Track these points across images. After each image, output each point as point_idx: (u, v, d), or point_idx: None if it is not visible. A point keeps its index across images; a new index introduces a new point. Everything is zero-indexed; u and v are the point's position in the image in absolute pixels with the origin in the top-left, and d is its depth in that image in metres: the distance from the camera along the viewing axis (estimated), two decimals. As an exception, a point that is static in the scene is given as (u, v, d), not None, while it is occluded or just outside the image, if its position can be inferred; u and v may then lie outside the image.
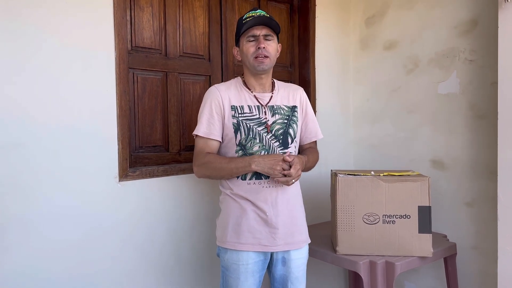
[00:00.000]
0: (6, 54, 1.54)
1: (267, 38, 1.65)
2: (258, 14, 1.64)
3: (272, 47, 1.66)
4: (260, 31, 1.63)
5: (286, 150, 1.70)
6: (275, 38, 1.69)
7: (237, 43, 1.72)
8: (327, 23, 2.72)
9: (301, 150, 1.87)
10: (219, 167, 1.63)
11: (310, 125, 1.85)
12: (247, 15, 1.65)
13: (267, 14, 1.66)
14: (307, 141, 1.86)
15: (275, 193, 1.66)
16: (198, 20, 2.20)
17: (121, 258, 1.84)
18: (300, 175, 1.62)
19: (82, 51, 1.71)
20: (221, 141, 1.70)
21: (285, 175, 1.58)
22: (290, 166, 1.59)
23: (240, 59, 1.73)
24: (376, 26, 2.73)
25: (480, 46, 2.20)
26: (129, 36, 1.94)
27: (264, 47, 1.62)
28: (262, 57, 1.63)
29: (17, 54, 1.56)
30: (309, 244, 1.80)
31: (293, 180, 1.60)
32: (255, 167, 1.58)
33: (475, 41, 2.23)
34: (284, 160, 1.58)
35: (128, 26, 1.94)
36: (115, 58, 1.80)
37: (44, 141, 1.62)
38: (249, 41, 1.64)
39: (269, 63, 1.66)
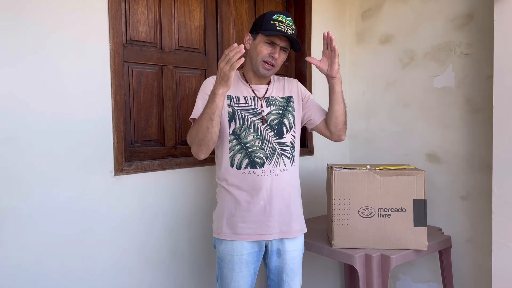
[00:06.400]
0: (3, 50, 1.52)
1: (283, 50, 1.69)
2: (287, 23, 1.65)
3: (282, 59, 1.71)
4: (281, 42, 1.66)
5: (281, 140, 1.71)
6: (288, 51, 1.72)
7: (253, 31, 1.72)
8: (323, 16, 2.71)
9: (321, 125, 1.84)
10: (198, 124, 1.57)
11: (317, 106, 1.85)
12: (278, 17, 1.65)
13: (294, 25, 1.68)
14: (322, 117, 1.83)
15: (270, 182, 1.67)
16: (194, 13, 2.18)
17: (116, 252, 1.84)
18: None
19: (77, 44, 1.69)
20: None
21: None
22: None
23: (248, 48, 1.73)
24: (372, 19, 2.72)
25: (476, 39, 2.21)
26: (123, 30, 1.93)
27: (276, 58, 1.66)
28: (270, 65, 1.67)
29: (13, 49, 1.54)
30: (305, 237, 1.81)
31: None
32: (216, 90, 1.51)
33: (471, 34, 2.23)
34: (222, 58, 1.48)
35: (123, 19, 1.92)
36: (110, 52, 1.78)
37: (39, 135, 1.61)
38: (266, 44, 1.66)
39: (273, 71, 1.71)
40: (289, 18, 1.67)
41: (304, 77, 2.61)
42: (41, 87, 1.61)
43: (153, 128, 2.05)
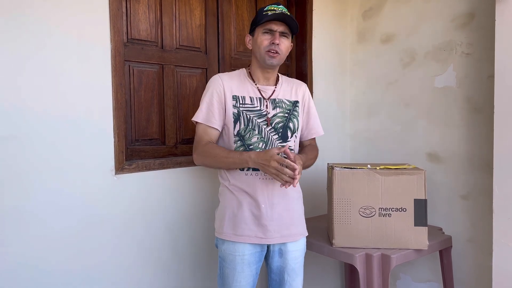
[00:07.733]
0: (7, 49, 1.53)
1: (283, 35, 1.66)
2: (280, 9, 1.64)
3: (285, 45, 1.67)
4: (278, 27, 1.64)
5: (284, 144, 1.70)
6: (290, 36, 1.70)
7: (251, 31, 1.72)
8: (324, 15, 2.71)
9: (302, 146, 1.86)
10: (218, 159, 1.64)
11: (312, 122, 1.85)
12: (269, 7, 1.65)
13: (288, 12, 1.66)
14: (308, 137, 1.86)
15: (272, 185, 1.67)
16: (195, 12, 2.18)
17: (117, 251, 1.84)
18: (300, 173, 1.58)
19: (78, 43, 1.69)
20: (219, 130, 1.70)
21: (284, 178, 1.52)
22: (290, 163, 1.51)
23: (251, 48, 1.73)
24: (373, 19, 2.72)
25: (477, 39, 2.20)
26: (124, 28, 1.93)
27: (278, 44, 1.63)
28: (274, 52, 1.64)
29: (14, 48, 1.54)
30: (306, 237, 1.81)
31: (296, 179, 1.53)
32: (252, 164, 1.58)
33: (472, 34, 2.23)
34: (278, 160, 1.49)
35: (124, 18, 1.92)
36: (111, 51, 1.78)
37: (41, 134, 1.61)
38: (265, 34, 1.65)
39: (279, 59, 1.68)
40: (281, 6, 1.66)
41: (305, 76, 2.61)
42: (41, 86, 1.61)
43: (154, 127, 2.05)
